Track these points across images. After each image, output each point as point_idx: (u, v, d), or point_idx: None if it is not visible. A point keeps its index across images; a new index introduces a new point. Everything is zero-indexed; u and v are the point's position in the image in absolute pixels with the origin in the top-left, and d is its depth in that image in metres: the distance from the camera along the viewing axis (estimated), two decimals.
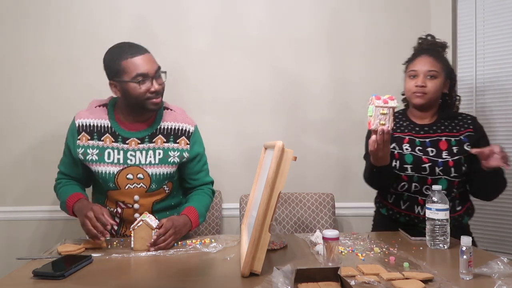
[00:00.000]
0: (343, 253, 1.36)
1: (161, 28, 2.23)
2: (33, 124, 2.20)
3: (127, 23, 2.22)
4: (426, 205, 1.44)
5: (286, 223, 2.13)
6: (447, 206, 1.41)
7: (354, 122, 2.27)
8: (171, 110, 1.68)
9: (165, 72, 1.59)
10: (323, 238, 1.25)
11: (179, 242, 1.52)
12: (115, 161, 1.58)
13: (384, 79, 2.28)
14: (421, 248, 1.43)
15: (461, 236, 1.12)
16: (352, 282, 1.07)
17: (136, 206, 1.61)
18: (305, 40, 2.27)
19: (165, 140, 1.61)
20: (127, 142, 1.59)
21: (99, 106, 1.64)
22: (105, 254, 1.37)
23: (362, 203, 2.27)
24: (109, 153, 1.58)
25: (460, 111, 1.80)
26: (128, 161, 1.58)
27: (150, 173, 1.59)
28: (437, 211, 1.41)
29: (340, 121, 2.28)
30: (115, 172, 1.57)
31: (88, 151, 1.57)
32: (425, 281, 1.07)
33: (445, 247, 1.41)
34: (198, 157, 1.68)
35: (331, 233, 1.24)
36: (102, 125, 1.60)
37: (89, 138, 1.58)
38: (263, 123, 2.26)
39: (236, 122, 2.26)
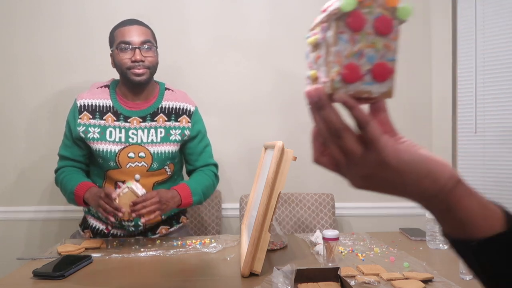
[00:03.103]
0: (343, 253, 1.36)
1: (161, 28, 2.23)
2: (32, 123, 2.19)
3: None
4: None
5: (286, 223, 2.13)
6: None
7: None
8: (172, 90, 1.71)
9: (155, 47, 1.62)
10: (323, 238, 1.25)
11: (179, 242, 1.52)
12: (117, 139, 1.58)
13: None
14: (421, 248, 1.43)
15: None
16: (352, 282, 1.08)
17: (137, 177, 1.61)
18: (305, 40, 2.26)
19: (166, 119, 1.63)
20: (128, 120, 1.60)
21: (101, 87, 1.67)
22: (105, 254, 1.37)
23: (362, 203, 2.28)
24: (110, 131, 1.58)
25: (461, 111, 1.80)
26: (130, 140, 1.58)
27: (152, 152, 1.59)
28: None
29: None
30: (117, 151, 1.57)
31: (89, 129, 1.58)
32: (425, 281, 1.07)
33: (445, 247, 1.41)
34: (199, 136, 1.69)
35: (331, 233, 1.24)
36: (104, 104, 1.61)
37: (91, 117, 1.59)
38: (263, 123, 2.26)
39: (236, 122, 2.26)
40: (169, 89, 1.71)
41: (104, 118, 1.59)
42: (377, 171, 0.45)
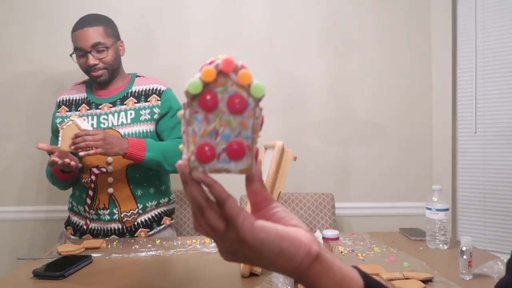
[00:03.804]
0: (343, 253, 1.36)
1: (161, 29, 2.23)
2: (32, 123, 2.19)
3: (127, 23, 2.22)
4: (426, 205, 1.44)
5: None
6: (447, 206, 1.41)
7: (354, 122, 2.27)
8: (144, 77, 1.74)
9: (112, 44, 1.62)
10: (323, 238, 1.25)
11: (179, 242, 1.52)
12: (90, 126, 1.60)
13: (385, 79, 2.28)
14: (421, 248, 1.43)
15: (461, 236, 1.12)
16: None
17: (109, 168, 1.59)
18: (305, 40, 2.27)
19: (136, 101, 1.65)
20: (99, 107, 1.66)
21: (79, 84, 1.78)
22: (105, 254, 1.37)
23: (362, 203, 2.28)
24: (84, 119, 1.62)
25: (462, 112, 1.80)
26: (101, 125, 1.62)
27: (122, 133, 1.60)
28: (437, 211, 1.41)
29: (340, 121, 2.28)
30: None
31: (65, 120, 1.61)
32: (425, 281, 1.07)
33: (445, 247, 1.41)
34: (171, 112, 1.66)
35: (331, 233, 1.24)
36: (80, 97, 1.71)
37: (67, 110, 1.69)
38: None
39: None
40: (141, 76, 1.74)
41: (79, 109, 1.68)
42: (237, 248, 0.46)
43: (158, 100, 1.65)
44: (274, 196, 1.12)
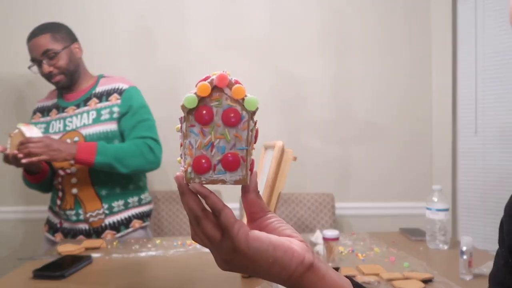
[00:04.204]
0: (343, 253, 1.36)
1: (161, 29, 2.23)
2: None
3: (127, 23, 2.22)
4: (426, 205, 1.44)
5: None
6: (447, 206, 1.41)
7: (354, 122, 2.27)
8: (108, 77, 1.75)
9: (56, 53, 1.61)
10: (323, 238, 1.25)
11: (179, 242, 1.52)
12: (57, 129, 1.66)
13: (385, 79, 2.28)
14: (421, 248, 1.43)
15: (461, 236, 1.12)
16: None
17: (72, 169, 1.60)
18: (305, 40, 2.27)
19: (98, 101, 1.66)
20: (65, 110, 1.68)
21: (53, 90, 1.81)
22: (105, 254, 1.37)
23: (362, 203, 2.28)
24: (53, 124, 1.68)
25: (462, 112, 1.80)
26: (67, 127, 1.65)
27: (84, 134, 1.61)
28: (437, 211, 1.41)
29: (340, 121, 2.28)
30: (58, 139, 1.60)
31: (37, 126, 1.67)
32: (425, 281, 1.07)
33: (445, 247, 1.41)
34: (131, 111, 1.64)
35: (331, 233, 1.24)
36: (52, 103, 1.75)
37: (41, 116, 1.74)
38: (263, 123, 2.26)
39: None
40: (106, 77, 1.75)
41: (49, 114, 1.72)
42: (232, 257, 0.48)
43: (118, 99, 1.65)
44: (274, 196, 1.12)
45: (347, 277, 0.52)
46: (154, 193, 2.17)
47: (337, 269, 1.08)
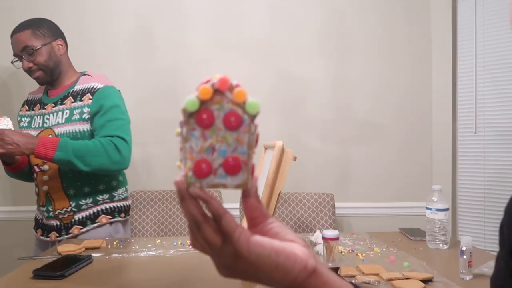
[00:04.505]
0: (343, 253, 1.36)
1: (161, 29, 2.23)
2: None
3: (127, 23, 2.22)
4: (426, 205, 1.44)
5: (286, 223, 2.13)
6: (447, 206, 1.41)
7: (354, 122, 2.27)
8: (88, 75, 1.71)
9: (35, 49, 1.60)
10: (323, 238, 1.25)
11: (179, 242, 1.52)
12: (37, 125, 1.68)
13: (385, 79, 2.28)
14: (421, 248, 1.43)
15: (461, 236, 1.12)
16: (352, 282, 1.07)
17: (44, 167, 1.61)
18: (305, 40, 2.27)
19: (73, 100, 1.64)
20: (45, 107, 1.69)
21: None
22: (105, 254, 1.37)
23: (362, 203, 2.28)
24: (35, 119, 1.70)
25: (462, 112, 1.80)
26: (44, 124, 1.66)
27: (57, 133, 1.61)
28: (437, 211, 1.41)
29: (340, 121, 2.28)
30: (35, 135, 1.61)
31: (23, 119, 1.74)
32: (425, 281, 1.07)
33: (445, 247, 1.41)
34: (102, 110, 1.59)
35: (331, 233, 1.24)
36: (38, 97, 1.76)
37: (28, 109, 1.76)
38: (263, 123, 2.26)
39: None
40: (87, 75, 1.71)
41: (34, 108, 1.73)
42: (234, 263, 0.47)
43: (90, 99, 1.62)
44: (274, 196, 1.12)
45: (350, 282, 0.52)
46: (155, 193, 2.17)
47: (337, 269, 1.08)
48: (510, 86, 2.08)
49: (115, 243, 1.51)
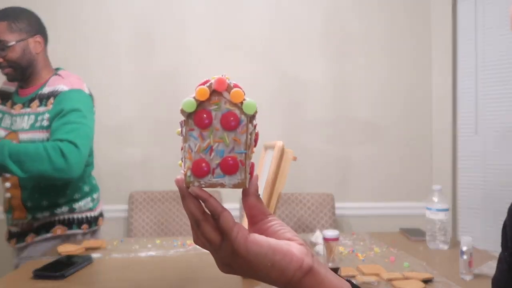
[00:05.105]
0: (343, 253, 1.36)
1: (161, 30, 2.23)
2: None
3: (127, 25, 2.22)
4: (426, 205, 1.44)
5: (286, 223, 2.13)
6: (447, 206, 1.41)
7: (354, 122, 2.27)
8: (61, 76, 1.54)
9: (8, 46, 1.45)
10: (323, 238, 1.25)
11: (179, 242, 1.52)
12: (6, 126, 1.54)
13: (385, 79, 2.28)
14: (421, 248, 1.43)
15: (461, 236, 1.12)
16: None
17: (7, 174, 1.45)
18: (305, 40, 2.27)
19: (38, 104, 1.49)
20: (14, 107, 1.55)
21: None
22: (105, 254, 1.37)
23: (362, 203, 2.28)
24: (5, 118, 1.56)
25: (462, 112, 1.80)
26: (13, 127, 1.52)
27: (20, 139, 1.47)
28: (437, 211, 1.41)
29: (340, 121, 2.28)
30: (3, 136, 1.52)
31: None
32: (425, 281, 1.07)
33: (445, 247, 1.41)
34: (60, 114, 1.42)
35: (331, 233, 1.24)
36: (10, 91, 1.61)
37: (1, 101, 1.60)
38: (263, 123, 2.26)
39: None
40: (58, 75, 1.55)
41: (6, 104, 1.59)
42: (232, 260, 0.48)
43: (51, 103, 1.46)
44: (274, 196, 1.12)
45: (347, 280, 0.52)
46: (155, 193, 2.17)
47: (337, 269, 1.08)
48: (510, 86, 2.08)
49: (115, 243, 1.51)
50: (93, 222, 1.61)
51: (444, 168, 2.25)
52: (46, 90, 1.51)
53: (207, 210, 0.48)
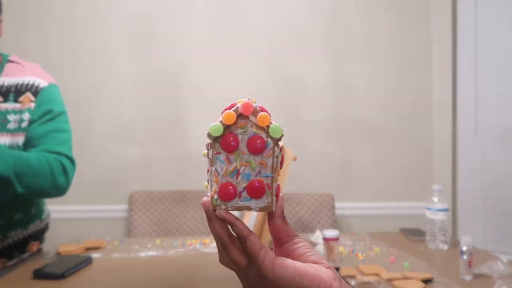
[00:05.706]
0: (343, 253, 1.36)
1: (161, 27, 2.23)
2: None
3: (127, 22, 2.22)
4: (426, 205, 1.44)
5: None
6: (447, 206, 1.41)
7: (354, 122, 2.27)
8: (18, 63, 1.28)
9: None
10: (323, 238, 1.25)
11: (179, 242, 1.52)
12: None
13: (385, 79, 2.28)
14: (421, 248, 1.43)
15: (461, 236, 1.12)
16: (352, 282, 1.08)
17: None
18: (305, 40, 2.26)
19: (2, 100, 1.21)
20: None
21: None
22: (105, 254, 1.37)
23: (362, 203, 2.27)
24: None
25: (462, 112, 1.80)
26: None
27: None
28: (437, 211, 1.41)
29: (340, 121, 2.28)
30: None
31: None
32: (425, 281, 1.07)
33: (445, 247, 1.41)
34: (47, 116, 1.23)
35: (331, 233, 1.24)
36: None
37: None
38: None
39: None
40: (13, 62, 1.28)
41: None
42: (259, 284, 0.48)
43: (32, 101, 1.22)
44: None
45: None
46: (155, 193, 2.17)
47: (337, 269, 1.08)
48: (510, 86, 2.08)
49: (115, 243, 1.51)
50: (46, 230, 1.42)
51: (444, 168, 2.25)
52: (6, 81, 1.23)
53: (233, 233, 0.49)
